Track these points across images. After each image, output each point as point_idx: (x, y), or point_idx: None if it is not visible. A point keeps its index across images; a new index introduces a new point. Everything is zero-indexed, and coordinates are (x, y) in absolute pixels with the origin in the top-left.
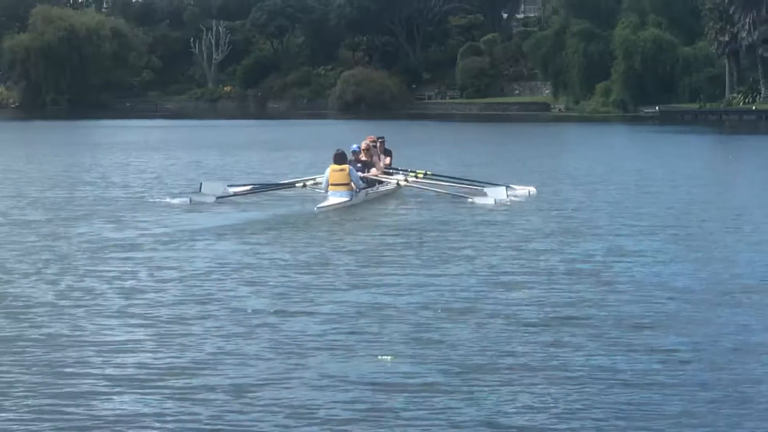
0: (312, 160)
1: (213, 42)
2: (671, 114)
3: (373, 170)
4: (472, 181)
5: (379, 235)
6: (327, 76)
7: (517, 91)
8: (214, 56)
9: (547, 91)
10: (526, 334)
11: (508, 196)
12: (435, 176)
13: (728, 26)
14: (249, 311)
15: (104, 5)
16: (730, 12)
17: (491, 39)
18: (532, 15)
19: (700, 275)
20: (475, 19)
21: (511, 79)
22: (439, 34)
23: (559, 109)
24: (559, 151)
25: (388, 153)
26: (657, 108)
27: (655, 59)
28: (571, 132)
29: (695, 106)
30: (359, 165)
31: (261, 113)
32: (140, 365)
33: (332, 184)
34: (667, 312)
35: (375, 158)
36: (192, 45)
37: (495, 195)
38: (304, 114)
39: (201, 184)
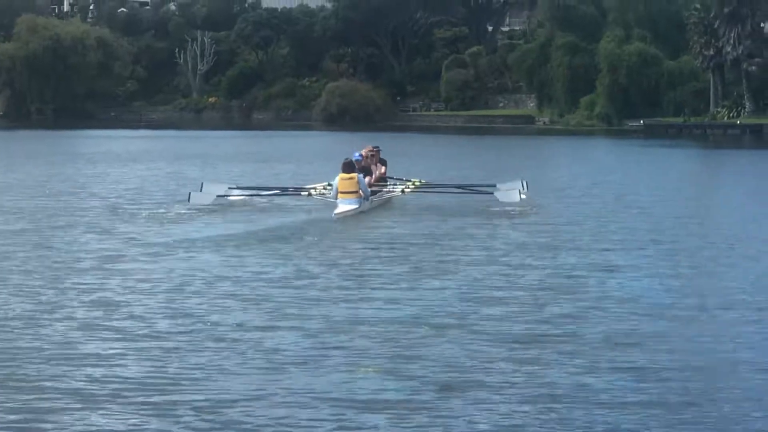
0: (295, 171)
1: (198, 52)
2: (656, 128)
3: (367, 178)
4: (467, 187)
5: (371, 248)
6: (312, 88)
7: (501, 104)
8: (198, 67)
9: (531, 104)
10: (507, 351)
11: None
12: (428, 185)
13: (713, 40)
14: (232, 325)
15: (89, 15)
16: (715, 26)
17: (476, 52)
18: (518, 28)
19: (684, 291)
20: (460, 31)
21: (495, 91)
22: (424, 47)
23: (544, 122)
24: (543, 164)
25: (383, 162)
26: (642, 122)
27: (639, 73)
28: (555, 145)
29: (680, 120)
30: (361, 173)
31: (245, 124)
32: (114, 380)
33: (341, 192)
34: (650, 329)
35: (372, 167)
36: (177, 55)
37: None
38: (289, 125)
39: (202, 184)
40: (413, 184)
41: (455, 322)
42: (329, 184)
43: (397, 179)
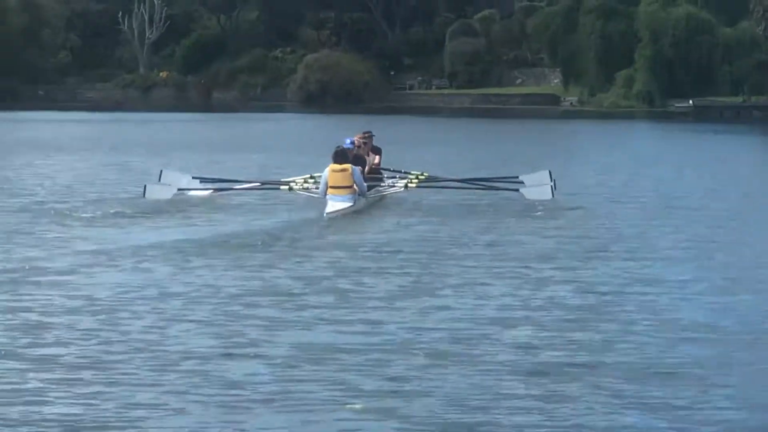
0: (265, 163)
1: (146, 17)
2: (708, 110)
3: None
4: (484, 181)
5: (362, 257)
6: (286, 61)
7: (519, 81)
8: (147, 35)
9: (555, 81)
10: (517, 384)
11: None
12: (435, 179)
13: None
14: (183, 352)
15: None
16: None
17: (487, 16)
18: None
19: (738, 312)
20: None
21: (511, 65)
22: (423, 10)
23: (571, 103)
24: (569, 155)
25: (377, 151)
26: (690, 102)
27: (688, 42)
28: (585, 131)
29: (738, 100)
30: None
31: (204, 105)
32: (45, 419)
33: (332, 187)
34: (689, 358)
35: (365, 156)
36: (120, 21)
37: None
38: (257, 106)
39: (161, 171)
40: (416, 177)
41: (459, 349)
42: (311, 177)
43: (394, 171)
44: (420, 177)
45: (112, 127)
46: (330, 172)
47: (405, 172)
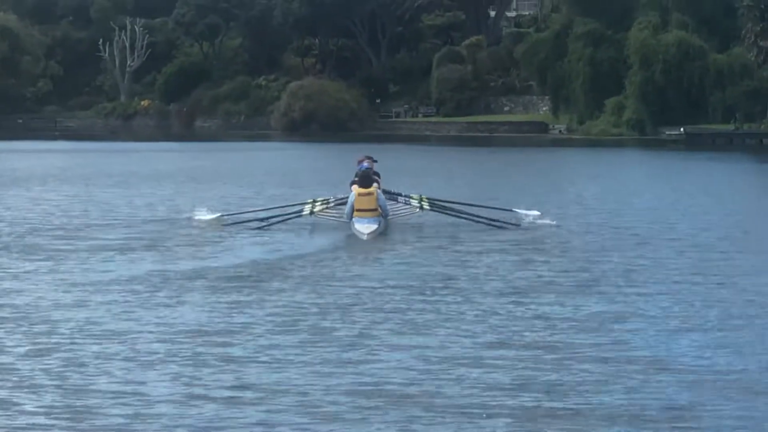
0: (248, 194)
1: (127, 45)
2: (700, 137)
3: None
4: (483, 214)
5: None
6: (269, 88)
7: (507, 108)
8: (128, 62)
9: (544, 108)
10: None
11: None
12: (432, 200)
13: None
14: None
15: None
16: None
17: (475, 43)
18: (527, 13)
19: (733, 349)
20: (454, 17)
21: (499, 92)
22: (409, 36)
23: (560, 131)
24: (558, 182)
25: (376, 175)
26: (682, 130)
27: (679, 69)
28: (575, 159)
29: (730, 127)
30: None
31: (187, 134)
32: None
33: (358, 210)
34: (681, 401)
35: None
36: (101, 48)
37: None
38: (241, 135)
39: (192, 216)
40: (421, 200)
41: (433, 389)
42: (325, 200)
43: (395, 194)
44: (424, 200)
45: (91, 157)
46: (356, 195)
47: (406, 195)
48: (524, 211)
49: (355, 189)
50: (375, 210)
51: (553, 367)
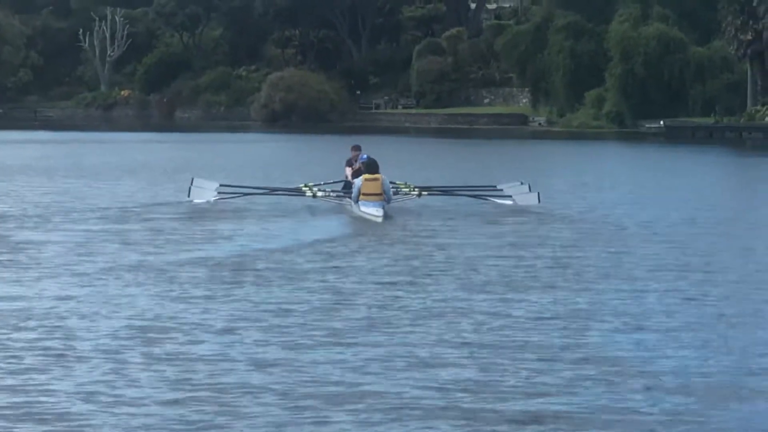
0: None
1: (107, 35)
2: (680, 130)
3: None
4: (470, 187)
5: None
6: (250, 79)
7: (487, 100)
8: (108, 52)
9: (524, 100)
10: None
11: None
12: (421, 188)
13: (751, 22)
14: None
15: None
16: (754, 4)
17: (455, 35)
18: (507, 5)
19: (720, 351)
20: (435, 9)
21: (479, 84)
22: (389, 28)
23: (540, 123)
24: (537, 175)
25: None
26: (662, 123)
27: (660, 62)
28: (554, 152)
29: (710, 120)
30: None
31: (167, 124)
32: None
33: (364, 194)
34: (674, 410)
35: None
36: (81, 38)
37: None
38: (221, 126)
39: (192, 179)
40: (406, 186)
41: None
42: (316, 185)
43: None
44: (410, 186)
45: (71, 147)
46: (363, 181)
47: (392, 182)
48: (507, 185)
49: (364, 176)
50: (380, 194)
51: (527, 367)
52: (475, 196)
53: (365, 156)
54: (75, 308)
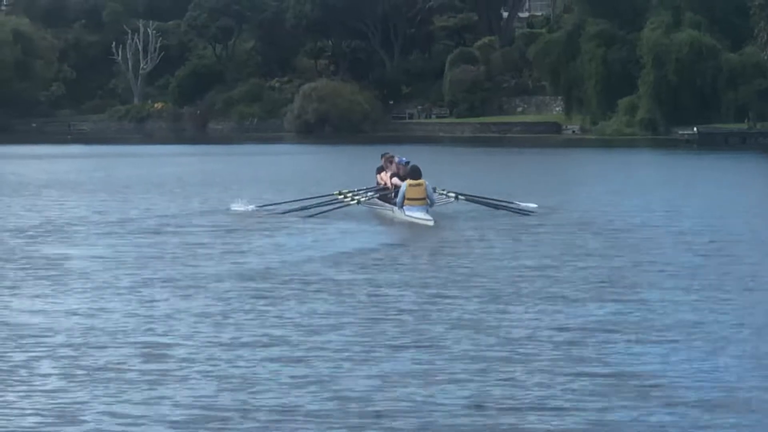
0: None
1: (140, 48)
2: (713, 137)
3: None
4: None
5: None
6: (282, 90)
7: (520, 109)
8: (141, 65)
9: (557, 109)
10: None
11: None
12: (457, 193)
13: None
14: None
15: (3, 3)
16: None
17: (487, 43)
18: (539, 14)
19: (750, 365)
20: (467, 18)
21: (512, 93)
22: (421, 38)
23: (573, 131)
24: (570, 183)
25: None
26: (695, 129)
27: (692, 68)
28: (588, 160)
29: (743, 126)
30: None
31: (200, 136)
32: None
33: (408, 199)
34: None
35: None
36: (114, 51)
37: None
38: (254, 137)
39: (229, 208)
40: (445, 193)
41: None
42: (350, 192)
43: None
44: (445, 191)
45: (104, 161)
46: (408, 186)
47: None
48: (523, 204)
49: (408, 181)
50: (424, 199)
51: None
52: (504, 207)
53: (404, 159)
54: (109, 322)
